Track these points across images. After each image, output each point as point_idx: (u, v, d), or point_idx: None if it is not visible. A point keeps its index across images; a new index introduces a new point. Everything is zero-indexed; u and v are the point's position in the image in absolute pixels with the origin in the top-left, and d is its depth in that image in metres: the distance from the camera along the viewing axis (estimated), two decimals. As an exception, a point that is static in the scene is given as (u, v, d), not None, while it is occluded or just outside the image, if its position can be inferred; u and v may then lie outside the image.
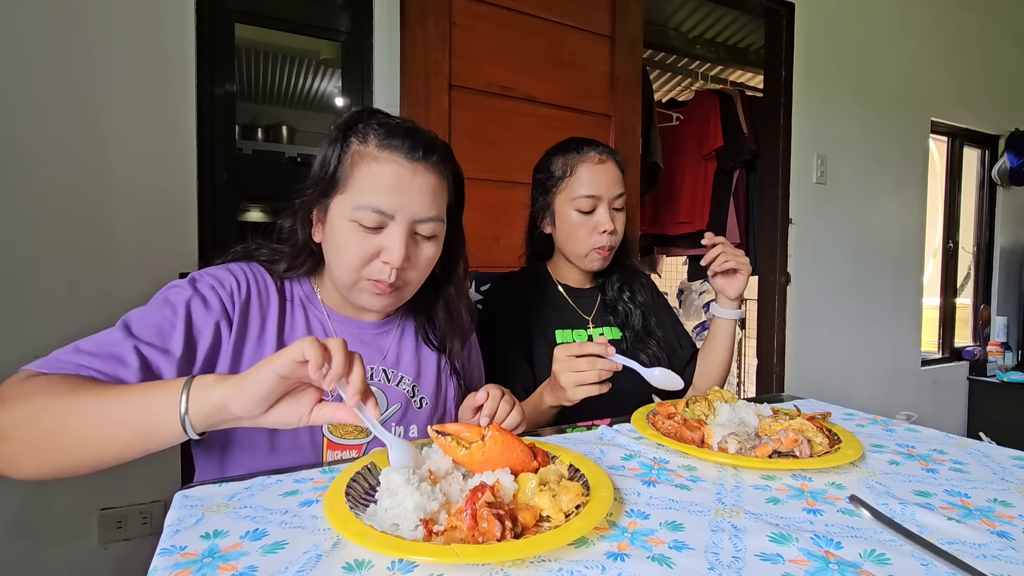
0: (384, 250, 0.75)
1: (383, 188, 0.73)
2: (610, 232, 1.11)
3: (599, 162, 1.12)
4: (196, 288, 0.74)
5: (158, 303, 0.72)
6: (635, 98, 1.99)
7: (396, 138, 0.75)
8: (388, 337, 0.88)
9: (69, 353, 0.65)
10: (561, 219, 1.15)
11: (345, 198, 0.75)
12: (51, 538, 1.28)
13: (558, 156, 1.16)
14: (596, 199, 1.11)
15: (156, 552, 0.48)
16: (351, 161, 0.75)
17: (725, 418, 0.82)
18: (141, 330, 0.69)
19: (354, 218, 0.74)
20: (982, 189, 3.59)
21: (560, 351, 0.87)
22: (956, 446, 0.79)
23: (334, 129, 0.78)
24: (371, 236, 0.74)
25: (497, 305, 1.19)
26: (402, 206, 0.74)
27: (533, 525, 0.51)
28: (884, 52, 2.85)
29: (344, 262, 0.76)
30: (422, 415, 0.87)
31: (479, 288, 1.46)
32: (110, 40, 1.30)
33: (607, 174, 1.12)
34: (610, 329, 1.20)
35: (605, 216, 1.11)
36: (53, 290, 1.26)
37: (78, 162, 1.28)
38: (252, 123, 3.64)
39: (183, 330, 0.70)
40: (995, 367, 3.37)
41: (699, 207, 3.00)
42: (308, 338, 0.53)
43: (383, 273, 0.75)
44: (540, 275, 1.23)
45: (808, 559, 0.48)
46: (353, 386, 0.57)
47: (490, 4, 1.72)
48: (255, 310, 0.78)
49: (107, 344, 0.66)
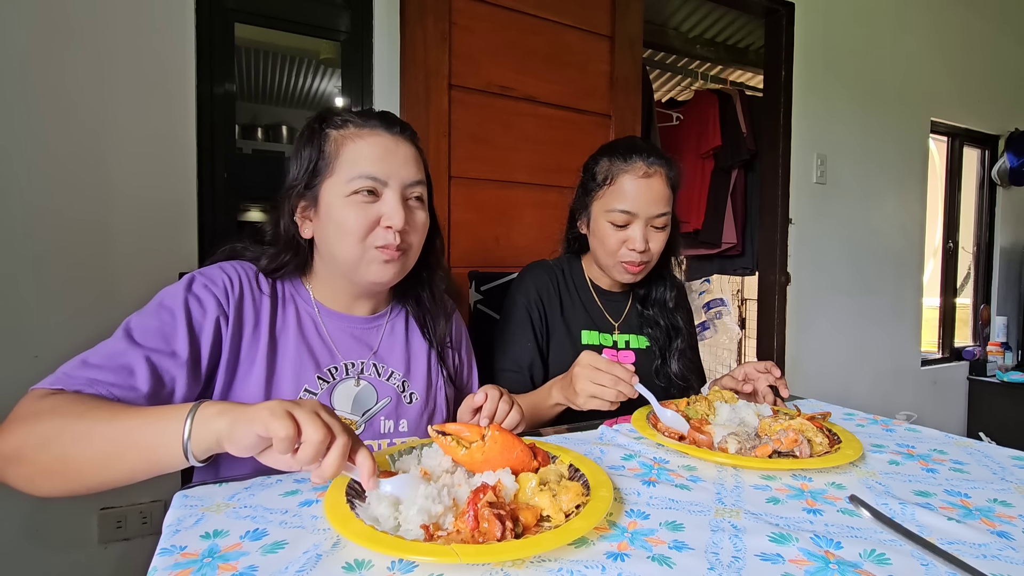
0: (384, 216, 0.79)
1: (374, 159, 0.79)
2: (640, 251, 1.05)
3: (643, 175, 1.04)
4: (191, 289, 0.76)
5: (155, 307, 0.73)
6: (635, 98, 1.99)
7: (373, 118, 0.82)
8: (377, 332, 0.90)
9: (78, 368, 0.65)
10: (595, 225, 1.10)
11: (336, 179, 0.79)
12: (51, 538, 1.28)
13: (605, 159, 1.09)
14: (631, 216, 1.04)
15: (156, 552, 0.48)
16: (334, 146, 0.80)
17: (725, 418, 0.82)
18: (144, 337, 0.69)
19: (351, 190, 0.78)
20: (982, 189, 3.59)
21: (587, 358, 0.86)
22: (956, 446, 0.79)
23: (306, 129, 0.83)
24: (370, 206, 0.79)
25: (526, 287, 1.15)
26: (393, 172, 0.79)
27: (534, 525, 0.51)
28: (884, 52, 2.85)
29: (348, 236, 0.78)
30: (413, 410, 0.89)
31: (479, 288, 1.45)
32: (110, 40, 1.30)
33: (651, 191, 1.04)
34: (636, 337, 1.16)
35: (638, 234, 1.04)
36: (53, 290, 1.26)
37: (78, 162, 1.28)
38: (252, 123, 3.64)
39: (185, 331, 0.72)
40: (995, 367, 3.37)
41: (696, 206, 3.00)
42: (278, 410, 0.50)
43: (388, 238, 0.79)
44: (574, 269, 1.20)
45: (808, 559, 0.48)
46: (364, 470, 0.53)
47: (490, 4, 1.72)
48: (249, 306, 0.80)
49: (114, 355, 0.67)
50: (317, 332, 0.85)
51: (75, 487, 0.58)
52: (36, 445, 0.57)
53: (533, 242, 1.80)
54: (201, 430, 0.54)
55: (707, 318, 3.45)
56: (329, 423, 0.52)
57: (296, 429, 0.50)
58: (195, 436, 0.54)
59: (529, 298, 1.13)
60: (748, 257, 2.98)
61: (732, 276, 3.45)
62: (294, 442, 0.50)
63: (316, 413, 0.52)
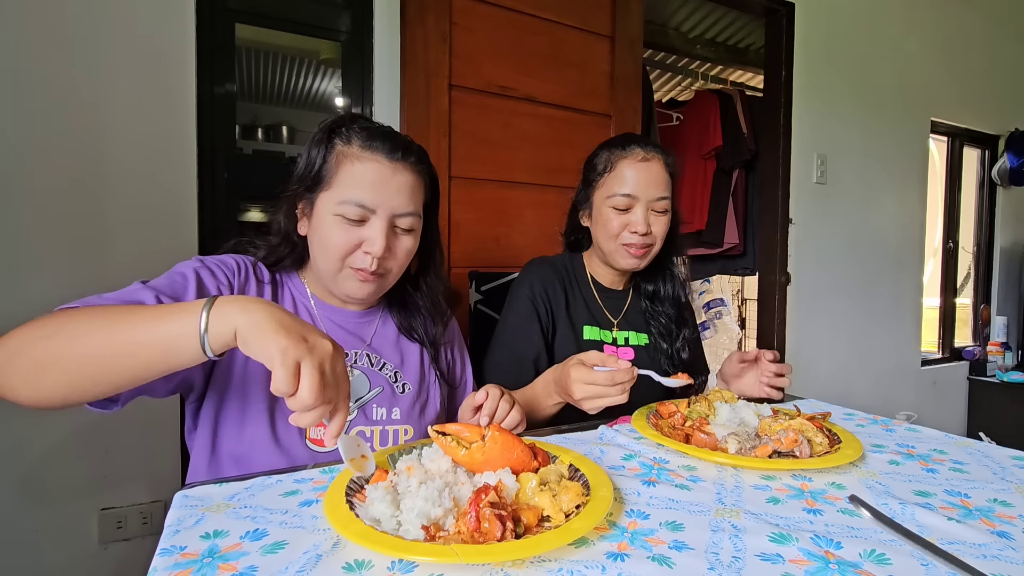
0: (366, 241, 0.80)
1: (366, 185, 0.79)
2: (642, 233, 1.07)
3: (642, 159, 1.08)
4: (203, 263, 0.80)
5: (168, 273, 0.77)
6: (635, 98, 1.99)
7: (377, 140, 0.81)
8: (370, 326, 0.93)
9: (94, 299, 0.67)
10: (597, 213, 1.13)
11: (330, 194, 0.80)
12: (51, 538, 1.28)
13: (604, 151, 1.13)
14: (632, 199, 1.07)
15: (156, 552, 0.48)
16: (335, 160, 0.81)
17: (725, 418, 0.82)
18: (156, 286, 0.73)
19: (338, 212, 0.79)
20: (982, 189, 3.59)
21: (577, 374, 0.83)
22: (956, 446, 0.79)
23: (319, 132, 0.84)
24: (354, 229, 0.80)
25: (531, 281, 1.15)
26: (383, 201, 0.80)
27: (536, 525, 0.51)
28: (884, 52, 2.85)
29: (329, 253, 0.81)
30: (405, 399, 0.90)
31: (479, 288, 1.45)
32: (110, 40, 1.30)
33: (649, 174, 1.08)
34: (636, 334, 1.17)
35: (640, 216, 1.07)
36: (53, 290, 1.26)
37: (78, 162, 1.28)
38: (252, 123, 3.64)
39: (195, 291, 0.75)
40: (995, 367, 3.37)
41: (698, 207, 3.00)
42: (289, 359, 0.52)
43: (365, 262, 0.81)
44: (576, 265, 1.21)
45: (808, 559, 0.48)
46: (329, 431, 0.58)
47: (490, 4, 1.72)
48: (252, 293, 0.82)
49: (127, 293, 0.70)
50: (312, 322, 0.87)
51: (77, 380, 0.57)
52: (40, 336, 0.57)
53: (533, 242, 1.80)
54: (219, 322, 0.55)
55: (707, 318, 3.45)
56: (328, 381, 0.55)
57: (295, 385, 0.52)
58: (212, 329, 0.55)
59: (534, 291, 1.13)
60: (750, 257, 2.98)
61: (733, 276, 3.45)
62: (288, 394, 0.52)
63: (320, 369, 0.54)
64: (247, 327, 0.54)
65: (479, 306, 1.44)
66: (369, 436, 0.85)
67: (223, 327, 0.55)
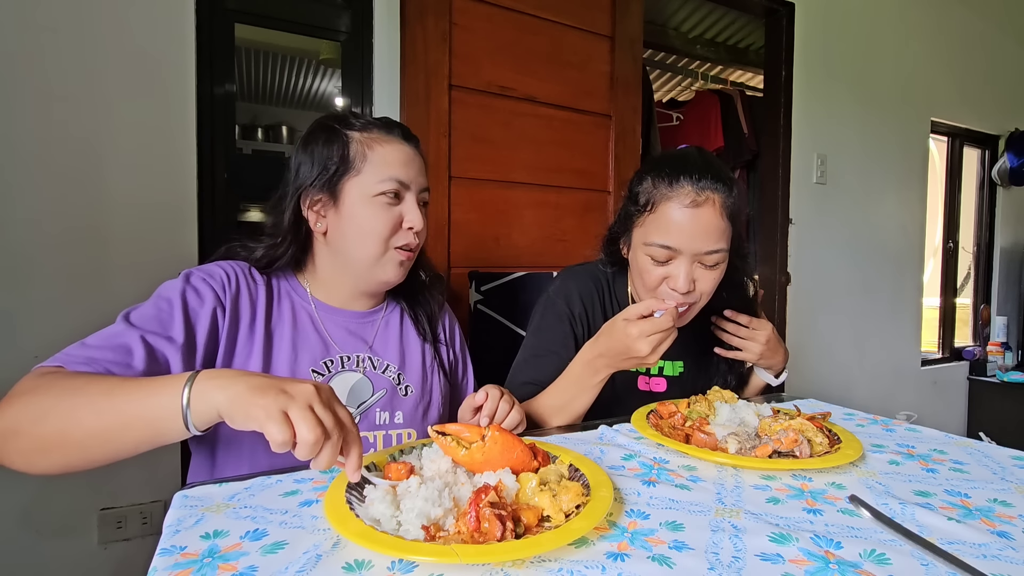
0: (407, 218, 0.85)
1: (400, 164, 0.84)
2: (683, 292, 0.89)
3: (692, 204, 0.86)
4: (189, 281, 0.78)
5: (153, 299, 0.76)
6: (635, 98, 1.99)
7: (394, 128, 0.87)
8: (372, 327, 0.92)
9: (77, 348, 0.67)
10: (635, 255, 0.95)
11: (362, 179, 0.83)
12: (51, 538, 1.28)
13: (647, 179, 0.92)
14: (673, 252, 0.88)
15: (156, 552, 0.48)
16: (359, 147, 0.83)
17: (725, 418, 0.82)
18: (142, 321, 0.71)
19: (380, 191, 0.82)
20: (982, 189, 3.59)
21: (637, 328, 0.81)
22: (956, 446, 0.79)
23: (319, 128, 0.86)
24: (393, 208, 0.84)
25: (569, 297, 1.04)
26: (413, 178, 0.86)
27: (536, 525, 0.51)
28: (884, 52, 2.85)
29: (373, 237, 0.83)
30: (408, 402, 0.90)
31: (479, 288, 1.45)
32: (110, 40, 1.30)
33: (698, 222, 0.86)
34: (671, 364, 1.07)
35: (682, 272, 0.88)
36: (53, 290, 1.26)
37: (78, 162, 1.28)
38: (252, 123, 3.64)
39: (182, 319, 0.74)
40: (995, 367, 3.37)
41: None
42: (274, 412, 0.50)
43: (409, 238, 0.86)
44: (618, 284, 1.08)
45: (808, 559, 0.48)
46: (349, 466, 0.55)
47: (490, 4, 1.72)
48: (245, 301, 0.82)
49: (113, 336, 0.68)
50: (313, 326, 0.86)
51: (75, 461, 0.58)
52: (34, 418, 0.57)
53: (533, 242, 1.80)
54: (200, 403, 0.54)
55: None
56: (322, 417, 0.52)
57: (291, 432, 0.50)
58: (194, 407, 0.54)
59: (574, 311, 1.03)
60: (750, 257, 2.98)
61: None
62: (289, 444, 0.50)
63: (310, 408, 0.51)
64: (227, 404, 0.53)
65: (479, 306, 1.44)
66: (372, 441, 0.85)
67: (204, 407, 0.54)
